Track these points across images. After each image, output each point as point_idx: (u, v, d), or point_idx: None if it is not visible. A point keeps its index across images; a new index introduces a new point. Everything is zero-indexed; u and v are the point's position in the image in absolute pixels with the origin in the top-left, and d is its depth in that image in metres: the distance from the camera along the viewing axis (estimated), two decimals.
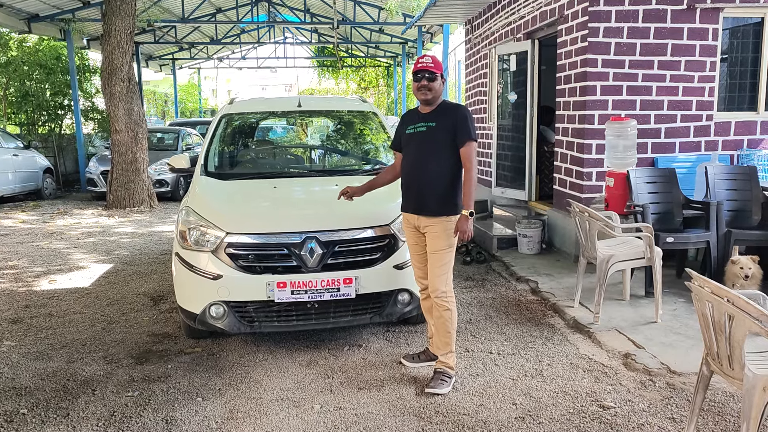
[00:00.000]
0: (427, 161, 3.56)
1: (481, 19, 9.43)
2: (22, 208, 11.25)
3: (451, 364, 3.59)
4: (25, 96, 15.00)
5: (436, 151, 3.55)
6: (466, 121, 3.53)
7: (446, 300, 3.53)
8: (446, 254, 3.55)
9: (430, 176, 3.55)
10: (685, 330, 4.20)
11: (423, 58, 3.60)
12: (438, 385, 3.49)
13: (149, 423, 3.17)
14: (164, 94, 31.49)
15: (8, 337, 4.48)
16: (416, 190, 3.59)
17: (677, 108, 6.14)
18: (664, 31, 5.98)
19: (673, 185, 5.35)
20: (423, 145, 3.59)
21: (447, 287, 3.55)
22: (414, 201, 3.62)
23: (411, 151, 3.66)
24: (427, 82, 3.54)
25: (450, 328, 3.55)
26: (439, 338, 3.60)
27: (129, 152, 10.88)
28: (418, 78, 3.56)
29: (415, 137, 3.63)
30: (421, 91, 3.56)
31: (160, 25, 16.05)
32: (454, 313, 3.57)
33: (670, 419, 3.10)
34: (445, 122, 3.55)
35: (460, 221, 3.48)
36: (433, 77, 3.55)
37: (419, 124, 3.62)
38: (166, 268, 6.42)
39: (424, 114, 3.64)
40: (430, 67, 3.54)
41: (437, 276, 3.54)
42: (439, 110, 3.62)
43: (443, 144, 3.54)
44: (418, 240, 3.67)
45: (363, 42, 20.92)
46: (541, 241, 6.65)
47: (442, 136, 3.54)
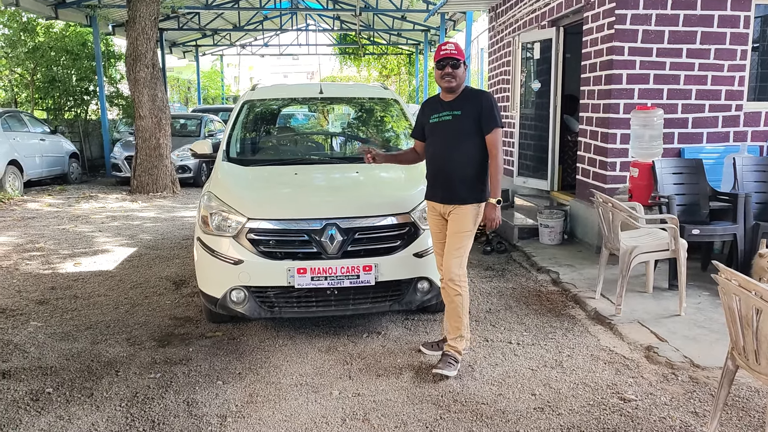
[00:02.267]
0: (454, 150, 3.54)
1: (505, 6, 9.30)
2: (49, 192, 11.45)
3: (459, 349, 3.58)
4: (51, 81, 15.22)
5: (463, 140, 3.52)
6: (492, 109, 3.50)
7: (458, 284, 3.51)
8: (465, 237, 3.53)
9: (457, 165, 3.53)
10: (709, 324, 4.14)
11: (445, 45, 3.57)
12: (446, 367, 3.49)
13: (171, 404, 3.22)
14: (187, 81, 31.74)
15: (35, 317, 4.57)
16: (444, 179, 3.57)
17: (706, 97, 6.00)
18: (693, 18, 5.84)
19: (699, 176, 5.24)
20: (449, 134, 3.56)
21: (461, 270, 3.53)
22: (441, 190, 3.60)
23: (437, 141, 3.63)
24: (452, 70, 3.50)
25: (461, 313, 3.54)
26: (449, 323, 3.60)
27: (153, 138, 11.00)
28: (441, 66, 3.52)
29: (441, 126, 3.60)
30: (445, 79, 3.53)
31: (183, 11, 16.14)
32: (466, 298, 3.55)
33: (693, 413, 3.06)
34: (470, 110, 3.52)
35: (488, 209, 3.49)
36: (457, 64, 3.51)
37: (444, 113, 3.59)
38: (188, 252, 6.49)
39: (447, 102, 3.61)
40: (454, 54, 3.50)
41: (452, 257, 3.52)
42: (463, 97, 3.58)
43: (470, 132, 3.51)
44: (442, 228, 3.66)
45: (385, 29, 20.80)
46: (562, 232, 6.58)
47: (469, 123, 3.51)
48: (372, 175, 4.61)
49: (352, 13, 17.59)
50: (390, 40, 23.63)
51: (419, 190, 4.26)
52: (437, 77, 3.58)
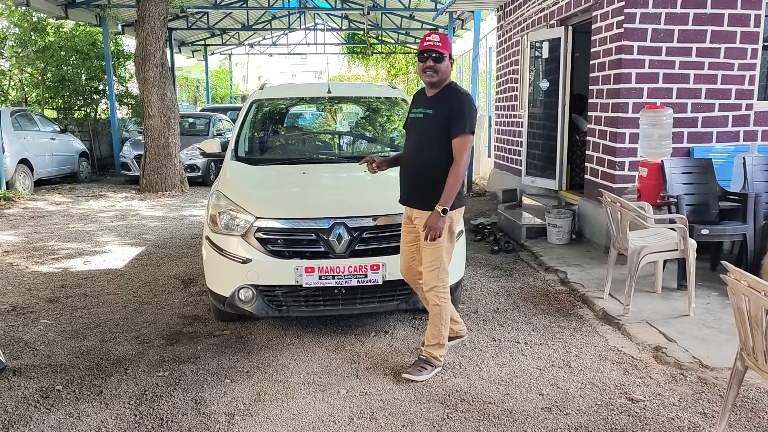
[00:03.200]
0: (421, 151, 3.39)
1: (514, 5, 9.28)
2: (59, 191, 11.53)
3: (435, 354, 3.51)
4: (61, 81, 15.33)
5: (431, 141, 3.34)
6: (463, 112, 3.28)
7: (436, 295, 3.41)
8: (437, 249, 3.35)
9: (420, 166, 3.38)
10: (718, 324, 4.11)
11: (430, 35, 3.32)
12: (416, 372, 3.44)
13: (179, 402, 3.24)
14: (196, 80, 31.83)
15: (45, 315, 4.61)
16: (408, 180, 3.47)
17: (715, 97, 5.97)
18: (703, 16, 5.81)
19: (709, 176, 5.21)
20: (419, 134, 3.44)
21: (439, 282, 3.40)
22: (406, 192, 3.50)
23: (409, 138, 3.53)
24: (434, 63, 3.29)
25: (439, 322, 3.46)
26: (429, 330, 3.53)
27: (161, 137, 11.05)
28: (423, 58, 3.30)
29: (414, 123, 3.48)
30: (427, 73, 3.31)
31: (192, 10, 16.20)
32: (445, 308, 3.45)
33: (701, 414, 3.05)
34: (443, 109, 3.32)
35: (431, 217, 3.26)
36: (441, 58, 3.29)
37: (419, 110, 3.46)
38: (196, 251, 6.53)
39: (427, 98, 3.44)
40: (438, 47, 3.27)
41: (427, 271, 3.41)
42: (441, 95, 3.38)
43: (438, 133, 3.31)
44: (409, 231, 3.55)
45: (393, 28, 20.78)
46: (570, 232, 6.56)
47: (438, 124, 3.31)
48: (379, 175, 4.58)
49: (360, 12, 17.58)
50: (398, 39, 23.61)
51: None
52: (419, 70, 3.38)
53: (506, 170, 9.92)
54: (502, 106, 10.17)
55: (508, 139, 9.84)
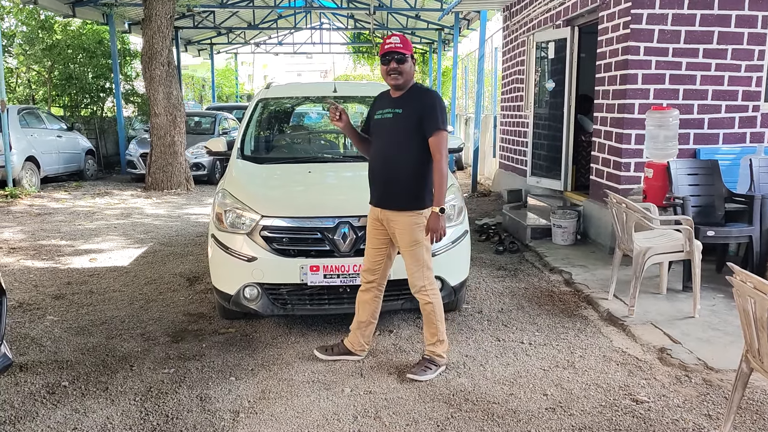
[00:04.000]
0: (391, 151, 3.36)
1: (520, 6, 9.27)
2: (65, 188, 11.58)
3: (439, 352, 3.51)
4: (68, 79, 15.40)
5: (402, 141, 3.34)
6: (434, 110, 3.30)
7: (426, 294, 3.43)
8: (417, 250, 3.38)
9: (394, 168, 3.35)
10: (723, 326, 4.10)
11: (390, 38, 3.36)
12: (420, 372, 3.44)
13: (184, 399, 3.25)
14: (202, 79, 31.90)
15: (51, 312, 4.64)
16: (381, 182, 3.42)
17: (722, 98, 5.95)
18: (710, 18, 5.79)
19: (715, 177, 5.20)
20: (388, 134, 3.40)
21: (426, 281, 3.42)
22: (378, 193, 3.46)
23: (377, 139, 3.49)
24: (397, 65, 3.31)
25: (435, 319, 3.47)
26: (426, 330, 3.53)
27: (167, 135, 11.08)
28: (386, 61, 3.32)
29: (382, 124, 3.44)
30: (391, 75, 3.33)
31: (199, 9, 16.24)
32: (437, 304, 3.47)
33: (706, 416, 3.04)
34: (413, 109, 3.33)
35: (431, 219, 3.29)
36: (403, 59, 3.32)
37: (386, 110, 3.43)
38: (201, 249, 6.54)
39: (393, 99, 3.44)
40: (399, 48, 3.30)
41: (413, 273, 3.41)
42: (408, 95, 3.40)
43: (409, 133, 3.32)
44: (377, 233, 3.52)
45: (399, 28, 20.78)
46: (575, 232, 6.55)
47: (409, 124, 3.32)
48: None
49: (366, 12, 17.60)
50: None
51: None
52: (383, 73, 3.38)
53: (511, 170, 9.92)
54: (508, 107, 10.16)
55: (513, 140, 9.83)
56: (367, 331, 3.70)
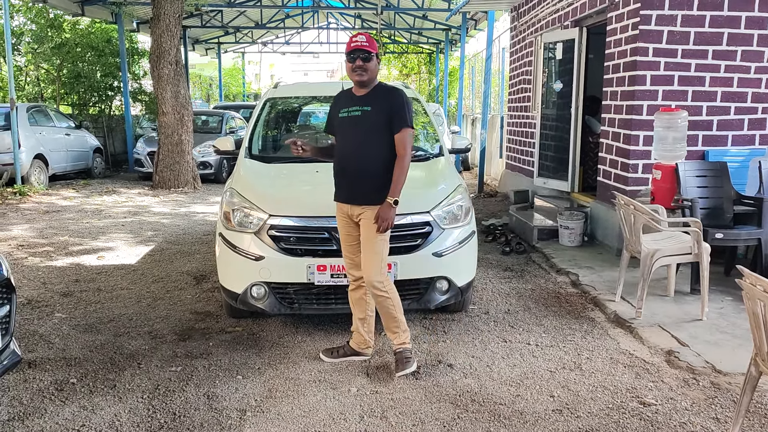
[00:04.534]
0: (361, 148, 3.42)
1: (528, 6, 9.25)
2: (73, 186, 11.64)
3: (406, 341, 3.55)
4: (77, 77, 15.48)
5: (372, 137, 3.41)
6: (403, 107, 3.40)
7: (384, 289, 3.44)
8: (378, 243, 3.42)
9: (364, 163, 3.42)
10: (732, 329, 4.08)
11: (356, 36, 3.41)
12: (405, 365, 3.46)
13: (191, 398, 3.26)
14: (209, 78, 32.01)
15: (59, 309, 4.66)
16: (350, 178, 3.46)
17: (731, 100, 5.92)
18: (720, 19, 5.76)
19: (724, 179, 5.18)
20: (357, 131, 3.44)
21: (382, 276, 3.44)
22: (347, 189, 3.49)
23: (345, 137, 3.51)
24: (363, 63, 3.36)
25: (395, 312, 3.49)
26: (387, 324, 3.54)
27: (175, 134, 11.12)
28: (352, 59, 3.37)
29: (349, 121, 3.47)
30: (356, 72, 3.38)
31: (207, 9, 16.28)
32: (395, 297, 3.49)
33: (714, 419, 3.03)
34: (380, 107, 3.41)
35: (383, 208, 3.35)
36: (369, 57, 3.37)
37: (353, 108, 3.47)
38: (208, 248, 6.56)
39: (358, 97, 3.49)
40: (365, 47, 3.36)
41: (369, 265, 3.43)
42: (374, 93, 3.47)
43: (379, 129, 3.40)
44: (350, 230, 3.54)
45: (406, 28, 20.79)
46: (582, 234, 6.54)
47: (379, 121, 3.40)
48: None
49: (373, 11, 17.60)
50: (411, 39, 23.60)
51: (439, 189, 4.28)
52: (348, 70, 3.44)
53: (518, 171, 9.90)
54: (515, 107, 10.14)
55: (520, 140, 9.81)
56: (368, 326, 3.71)
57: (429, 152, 5.07)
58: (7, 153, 10.38)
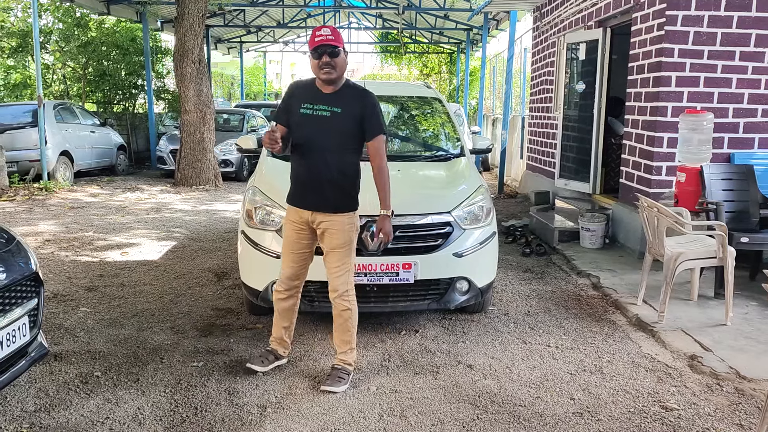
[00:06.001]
0: (332, 154, 3.21)
1: (551, 6, 9.19)
2: (97, 183, 11.82)
3: (349, 361, 3.43)
4: (102, 75, 15.71)
5: (342, 142, 3.21)
6: (375, 112, 3.22)
7: (347, 299, 3.34)
8: (346, 253, 3.30)
9: (334, 170, 3.21)
10: (757, 334, 4.02)
11: (320, 30, 3.13)
12: (335, 383, 3.31)
13: (213, 393, 3.30)
14: (231, 77, 32.26)
15: (84, 303, 4.74)
16: (317, 184, 3.23)
17: (759, 102, 5.83)
18: (748, 20, 5.67)
19: (750, 183, 5.10)
20: (327, 134, 3.21)
21: (348, 286, 3.34)
22: (312, 195, 3.27)
23: (310, 138, 3.24)
24: (330, 59, 3.12)
25: (350, 326, 3.39)
26: (339, 337, 3.42)
27: (197, 132, 11.23)
28: (318, 55, 3.11)
29: (316, 121, 3.22)
30: (324, 70, 3.13)
31: (229, 8, 16.41)
32: (355, 312, 3.40)
33: (738, 426, 2.99)
34: (352, 109, 3.20)
35: (384, 222, 3.27)
36: (336, 52, 3.12)
37: (321, 107, 3.22)
38: (230, 245, 6.62)
39: (326, 94, 3.24)
40: (331, 41, 3.10)
41: (338, 275, 3.31)
42: (344, 93, 3.25)
43: (349, 134, 3.22)
44: (303, 237, 3.37)
45: (427, 28, 20.76)
46: (604, 236, 6.48)
47: (349, 125, 3.21)
48: (413, 174, 4.63)
49: (395, 11, 17.61)
50: (432, 39, 23.58)
51: (460, 189, 4.28)
52: (314, 67, 3.17)
53: (539, 172, 9.84)
54: (536, 108, 10.08)
55: (541, 141, 9.75)
56: (290, 332, 3.64)
57: (450, 152, 5.07)
58: (34, 149, 10.58)
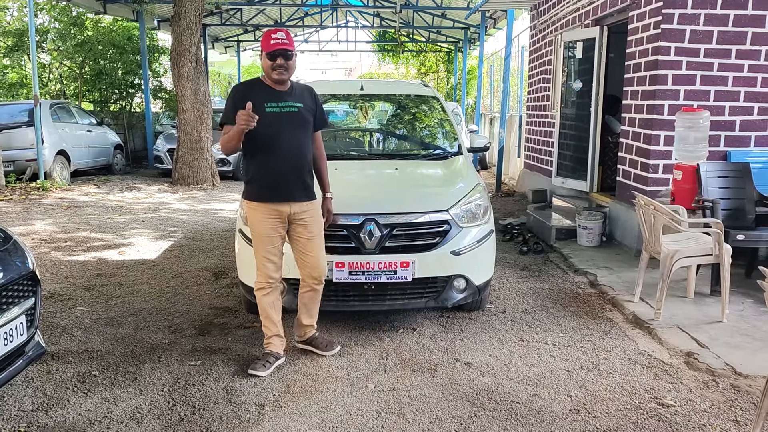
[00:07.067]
0: (302, 146, 3.51)
1: (548, 5, 9.20)
2: (94, 182, 11.80)
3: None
4: (99, 74, 15.68)
5: (306, 135, 3.55)
6: (322, 107, 3.69)
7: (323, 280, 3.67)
8: (322, 236, 3.65)
9: (304, 161, 3.54)
10: (752, 331, 4.04)
11: (275, 34, 3.38)
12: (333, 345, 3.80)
13: (211, 391, 3.30)
14: (228, 76, 32.21)
15: (81, 302, 4.74)
16: (293, 176, 3.47)
17: (755, 100, 5.84)
18: (744, 18, 5.68)
19: (746, 180, 5.12)
20: (297, 128, 3.49)
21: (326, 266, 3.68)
22: (290, 188, 3.47)
23: (280, 133, 3.43)
24: (284, 61, 3.39)
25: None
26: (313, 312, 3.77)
27: (194, 131, 11.22)
28: (273, 56, 3.37)
29: (286, 118, 3.45)
30: (277, 71, 3.40)
31: (226, 7, 16.39)
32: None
33: (734, 422, 3.00)
34: (308, 105, 3.55)
35: (329, 203, 3.70)
36: (290, 55, 3.41)
37: (287, 104, 3.46)
38: (227, 244, 6.63)
39: (285, 92, 3.49)
40: (286, 45, 3.38)
41: (322, 260, 3.60)
42: (296, 90, 3.55)
43: (309, 127, 3.57)
44: (280, 231, 3.52)
45: (425, 27, 20.76)
46: (601, 234, 6.49)
47: (308, 118, 3.55)
48: (411, 172, 4.64)
49: (392, 10, 17.60)
50: (429, 38, 23.57)
51: (458, 187, 4.28)
52: (267, 68, 3.42)
53: (536, 171, 9.85)
54: (534, 106, 10.09)
55: (538, 140, 9.76)
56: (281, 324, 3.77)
57: (448, 151, 5.07)
58: (30, 149, 10.56)
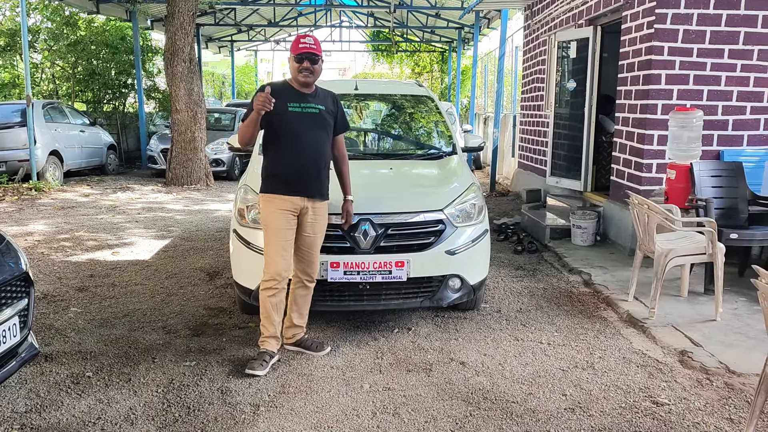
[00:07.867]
0: (322, 146, 3.62)
1: (542, 5, 9.22)
2: (87, 183, 11.75)
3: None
4: (91, 74, 15.60)
5: (326, 136, 3.65)
6: (343, 110, 3.77)
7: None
8: (323, 236, 3.72)
9: (324, 160, 3.63)
10: (746, 330, 4.06)
11: (305, 38, 3.52)
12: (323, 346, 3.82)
13: (205, 392, 3.29)
14: (222, 75, 32.12)
15: (75, 303, 4.72)
16: (313, 173, 3.58)
17: (747, 99, 5.87)
18: (737, 18, 5.71)
19: (739, 180, 5.14)
20: (317, 128, 3.60)
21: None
22: (308, 184, 3.58)
23: (301, 132, 3.56)
24: (310, 65, 3.51)
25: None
26: (304, 312, 3.80)
27: (188, 131, 11.18)
28: (300, 59, 3.50)
29: (308, 118, 3.57)
30: (303, 74, 3.52)
31: (220, 7, 16.36)
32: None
33: (728, 420, 3.02)
34: (329, 108, 3.65)
35: (349, 205, 3.74)
36: (317, 60, 3.53)
37: (309, 105, 3.58)
38: (221, 244, 6.61)
39: (308, 94, 3.61)
40: (314, 49, 3.50)
41: (316, 259, 3.70)
42: (319, 94, 3.66)
43: (330, 129, 3.67)
44: (292, 224, 3.59)
45: (419, 26, 20.77)
46: (595, 233, 6.51)
47: (330, 121, 3.65)
48: (405, 172, 4.64)
49: (386, 9, 17.60)
50: (423, 38, 23.59)
51: (452, 187, 4.28)
52: (294, 70, 3.54)
53: (530, 170, 9.87)
54: (528, 106, 10.11)
55: (532, 139, 9.78)
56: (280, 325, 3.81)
57: (442, 150, 5.07)
58: (23, 149, 10.50)
